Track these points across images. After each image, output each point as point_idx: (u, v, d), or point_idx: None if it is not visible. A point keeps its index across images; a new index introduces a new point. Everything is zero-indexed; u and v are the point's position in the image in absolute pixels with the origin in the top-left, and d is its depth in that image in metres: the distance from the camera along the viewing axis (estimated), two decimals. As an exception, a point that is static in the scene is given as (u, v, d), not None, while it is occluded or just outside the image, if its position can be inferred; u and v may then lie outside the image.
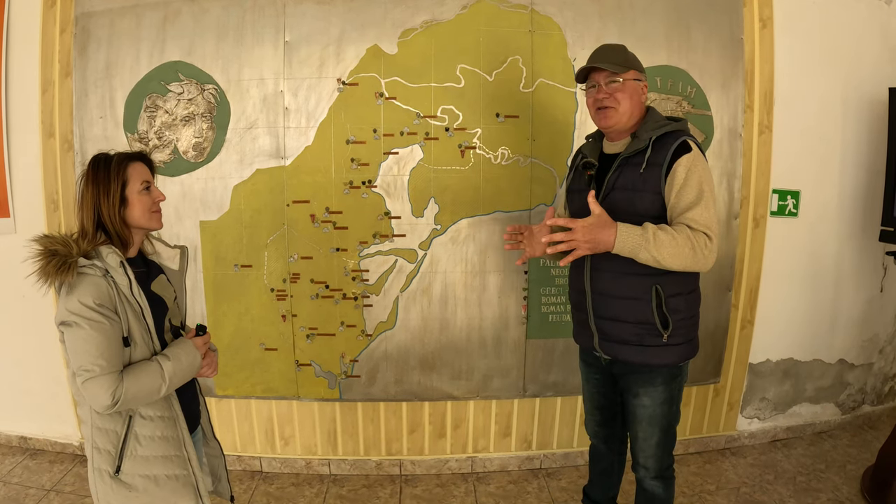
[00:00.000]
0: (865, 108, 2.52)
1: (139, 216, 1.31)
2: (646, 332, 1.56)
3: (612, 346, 1.62)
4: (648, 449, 1.66)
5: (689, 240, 1.42)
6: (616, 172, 1.56)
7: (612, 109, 1.55)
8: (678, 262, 1.43)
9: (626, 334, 1.58)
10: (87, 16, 2.22)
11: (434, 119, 2.23)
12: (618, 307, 1.57)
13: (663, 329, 1.54)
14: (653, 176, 1.49)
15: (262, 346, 2.36)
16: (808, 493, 2.30)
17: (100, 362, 1.17)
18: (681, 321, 1.57)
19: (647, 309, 1.54)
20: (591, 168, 1.64)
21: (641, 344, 1.57)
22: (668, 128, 1.53)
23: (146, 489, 1.28)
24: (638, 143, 1.53)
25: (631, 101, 1.55)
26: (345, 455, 2.51)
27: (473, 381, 2.41)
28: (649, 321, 1.54)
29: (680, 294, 1.56)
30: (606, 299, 1.59)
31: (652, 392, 1.61)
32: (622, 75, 1.54)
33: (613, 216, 1.48)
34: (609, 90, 1.55)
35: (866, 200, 2.59)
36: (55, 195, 2.38)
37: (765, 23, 2.36)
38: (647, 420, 1.63)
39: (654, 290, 1.52)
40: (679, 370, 1.63)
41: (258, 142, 2.24)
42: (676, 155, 1.48)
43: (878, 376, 2.84)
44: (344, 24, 2.19)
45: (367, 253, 2.30)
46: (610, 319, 1.60)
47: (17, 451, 2.66)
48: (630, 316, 1.56)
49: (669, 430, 1.66)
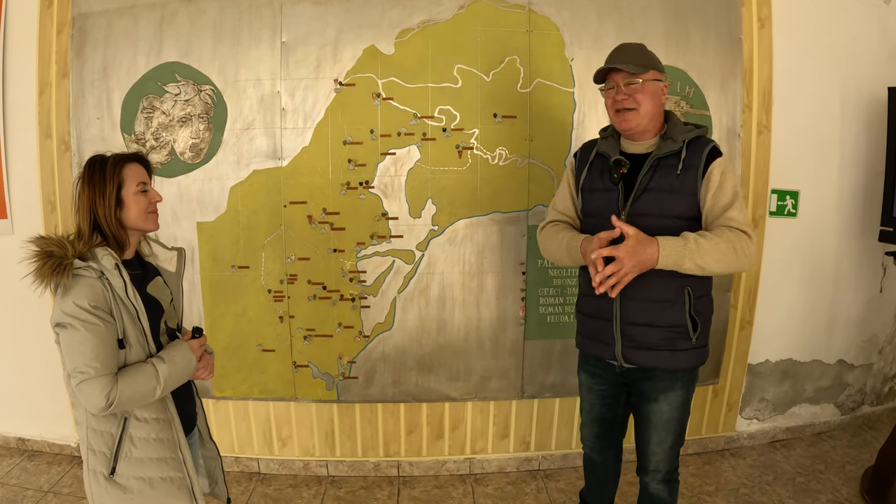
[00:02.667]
0: (864, 108, 2.51)
1: (135, 217, 1.30)
2: (676, 336, 1.54)
3: (638, 352, 1.57)
4: (661, 453, 1.64)
5: (731, 242, 1.41)
6: (649, 173, 1.52)
7: (633, 112, 1.52)
8: (722, 267, 1.43)
9: (656, 339, 1.55)
10: (84, 16, 2.22)
11: (431, 119, 2.23)
12: (652, 311, 1.54)
13: (693, 331, 1.54)
14: (689, 178, 1.48)
15: (259, 348, 2.36)
16: (807, 494, 2.29)
17: (94, 364, 1.17)
18: (704, 323, 1.58)
19: (681, 312, 1.53)
20: (625, 166, 1.54)
21: (672, 348, 1.54)
22: (698, 132, 1.54)
23: (141, 491, 1.28)
24: (672, 145, 1.51)
25: (652, 102, 1.52)
26: (342, 456, 2.51)
27: (471, 382, 2.41)
28: (682, 324, 1.53)
29: (704, 296, 1.57)
30: (638, 303, 1.54)
31: (672, 397, 1.59)
32: (641, 76, 1.50)
33: (644, 218, 1.47)
34: (628, 91, 1.51)
35: (865, 200, 2.58)
36: (52, 196, 2.38)
37: (763, 22, 2.36)
38: (662, 425, 1.61)
39: (686, 292, 1.52)
40: (697, 373, 1.63)
41: (255, 143, 2.24)
42: (710, 158, 1.48)
43: (878, 377, 2.83)
44: (341, 24, 2.19)
45: (364, 254, 2.30)
46: (641, 325, 1.55)
47: (14, 452, 2.65)
48: (663, 320, 1.53)
49: (682, 433, 1.65)
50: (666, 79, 1.58)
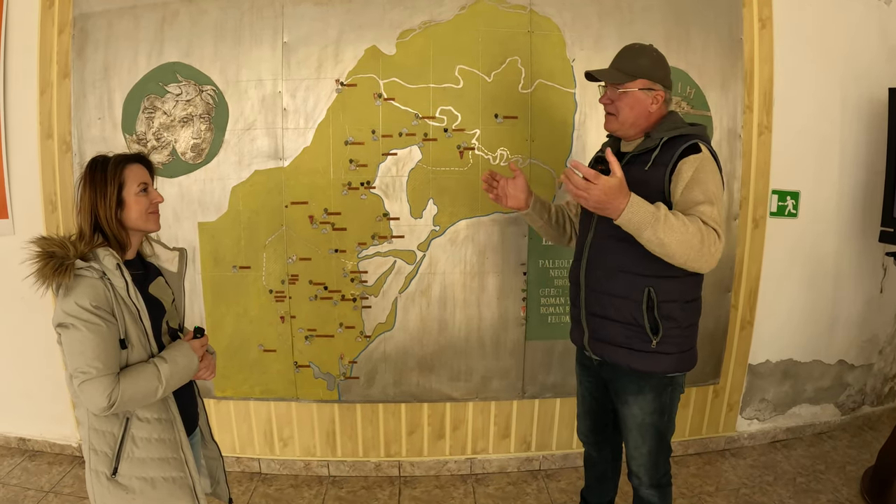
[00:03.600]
0: (865, 109, 2.51)
1: (136, 218, 1.31)
2: (634, 335, 1.52)
3: (601, 345, 1.60)
4: (640, 458, 1.62)
5: (700, 232, 1.34)
6: (623, 169, 1.52)
7: (612, 116, 1.56)
8: (682, 251, 1.34)
9: (615, 335, 1.55)
10: (86, 17, 2.22)
11: (433, 120, 2.23)
12: (608, 305, 1.55)
13: (652, 334, 1.50)
14: (656, 174, 1.48)
15: (260, 348, 2.36)
16: (807, 495, 2.29)
17: (96, 364, 1.17)
18: (674, 329, 1.51)
19: (636, 310, 1.50)
20: (603, 163, 1.56)
21: (630, 347, 1.53)
22: (681, 131, 1.50)
23: (142, 491, 1.28)
24: (649, 143, 1.52)
25: (632, 112, 1.53)
26: (344, 456, 2.51)
27: (472, 382, 2.41)
28: (638, 323, 1.51)
29: (675, 301, 1.51)
30: (599, 295, 1.58)
31: (641, 401, 1.57)
32: (623, 85, 1.52)
33: None
34: (611, 96, 1.55)
35: (866, 201, 2.58)
36: (53, 196, 2.38)
37: (764, 23, 2.36)
38: (636, 429, 1.60)
39: (646, 291, 1.49)
40: (670, 381, 1.57)
41: (256, 143, 2.24)
42: (683, 155, 1.45)
43: (878, 377, 2.83)
44: (342, 25, 2.19)
45: (365, 254, 2.30)
46: (600, 317, 1.58)
47: (15, 452, 2.65)
48: (619, 315, 1.53)
49: (662, 440, 1.61)
50: (661, 87, 1.53)
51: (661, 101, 1.55)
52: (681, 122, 1.56)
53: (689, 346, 1.57)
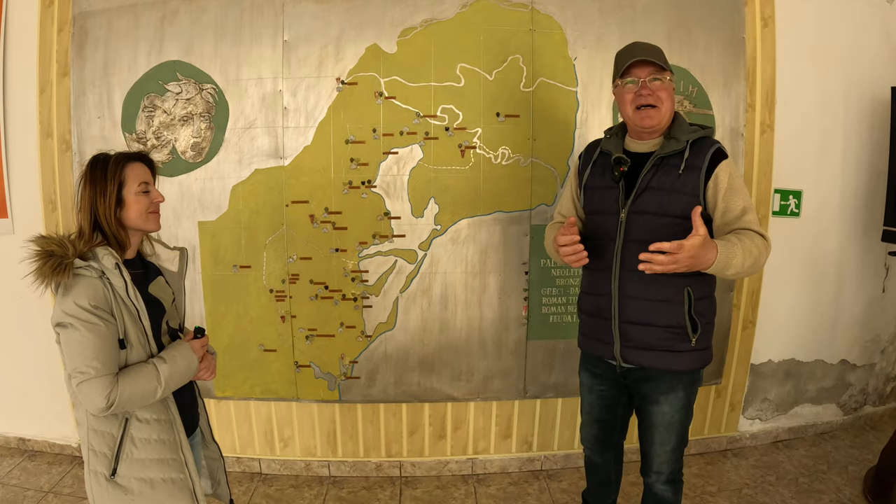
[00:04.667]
0: (867, 108, 2.50)
1: (135, 217, 1.30)
2: (675, 337, 1.52)
3: (636, 352, 1.57)
4: (664, 455, 1.63)
5: (758, 246, 1.42)
6: (651, 171, 1.52)
7: (656, 109, 1.50)
8: (753, 270, 1.44)
9: (654, 339, 1.54)
10: (85, 15, 2.21)
11: (434, 118, 2.22)
12: (649, 310, 1.53)
13: (693, 333, 1.52)
14: (692, 178, 1.47)
15: (260, 348, 2.35)
16: (810, 495, 2.29)
17: (95, 364, 1.16)
18: (706, 325, 1.56)
19: (679, 312, 1.51)
20: (625, 164, 1.55)
21: (670, 349, 1.53)
22: (703, 133, 1.52)
23: (142, 492, 1.27)
24: (676, 144, 1.50)
25: (671, 101, 1.53)
26: (344, 457, 2.50)
27: (474, 382, 2.40)
28: (680, 325, 1.51)
29: (705, 297, 1.55)
30: (637, 302, 1.54)
31: (672, 399, 1.58)
32: (667, 73, 1.51)
33: (643, 216, 1.49)
34: (653, 87, 1.50)
35: (868, 200, 2.57)
36: (53, 195, 2.37)
37: (766, 22, 2.35)
38: (664, 427, 1.60)
39: (686, 292, 1.50)
40: (698, 375, 1.61)
41: (257, 142, 2.23)
42: (715, 159, 1.47)
43: (880, 377, 2.83)
44: (343, 23, 2.18)
45: (366, 253, 2.29)
46: (639, 324, 1.55)
47: (15, 452, 2.65)
48: (661, 320, 1.52)
49: (685, 434, 1.64)
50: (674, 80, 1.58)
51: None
52: (686, 122, 1.57)
53: (712, 341, 1.62)
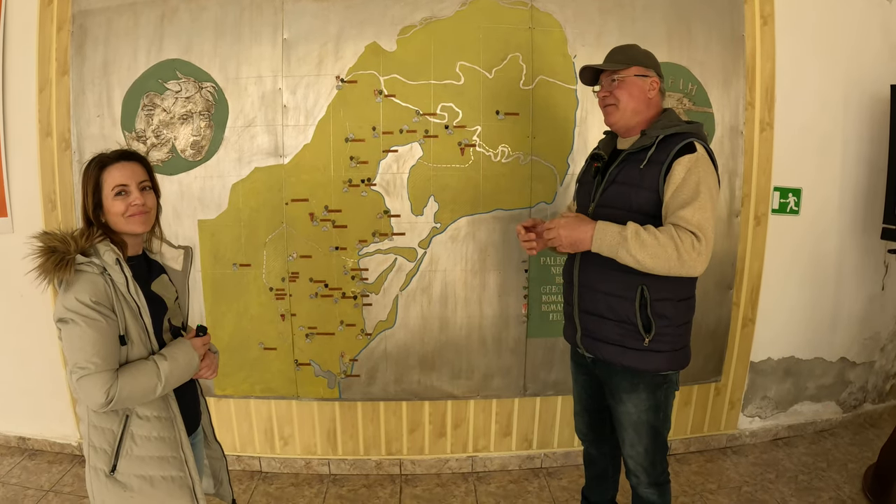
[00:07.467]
0: (867, 106, 2.51)
1: (114, 221, 1.28)
2: (627, 333, 1.52)
3: (594, 343, 1.59)
4: (637, 456, 1.62)
5: (673, 240, 1.36)
6: (618, 167, 1.55)
7: (613, 107, 1.55)
8: (661, 265, 1.38)
9: (608, 332, 1.55)
10: (84, 14, 2.21)
11: (434, 117, 2.22)
12: (601, 303, 1.55)
13: (645, 332, 1.50)
14: (651, 173, 1.47)
15: (260, 346, 2.35)
16: (809, 492, 2.29)
17: (95, 360, 1.16)
18: (667, 328, 1.51)
19: (629, 308, 1.50)
20: (599, 160, 1.63)
21: (623, 345, 1.53)
22: (677, 128, 1.49)
23: (141, 489, 1.27)
24: (644, 140, 1.51)
25: (632, 97, 1.53)
26: (344, 455, 2.50)
27: (474, 380, 2.40)
28: (631, 321, 1.51)
29: (669, 300, 1.50)
30: (592, 293, 1.57)
31: (635, 398, 1.57)
32: (621, 72, 1.54)
33: (608, 210, 1.50)
34: (609, 88, 1.56)
35: (868, 198, 2.58)
36: (53, 194, 2.37)
37: (766, 20, 2.35)
38: (632, 427, 1.60)
39: (639, 289, 1.49)
40: (664, 379, 1.56)
41: (256, 140, 2.23)
42: (678, 154, 1.44)
43: (880, 374, 2.83)
44: (342, 21, 2.18)
45: (366, 251, 2.29)
46: (593, 315, 1.58)
47: (15, 451, 2.64)
48: (612, 313, 1.53)
49: (658, 438, 1.61)
50: (655, 74, 1.56)
51: (657, 88, 1.55)
52: (677, 119, 1.55)
53: (682, 345, 1.57)
